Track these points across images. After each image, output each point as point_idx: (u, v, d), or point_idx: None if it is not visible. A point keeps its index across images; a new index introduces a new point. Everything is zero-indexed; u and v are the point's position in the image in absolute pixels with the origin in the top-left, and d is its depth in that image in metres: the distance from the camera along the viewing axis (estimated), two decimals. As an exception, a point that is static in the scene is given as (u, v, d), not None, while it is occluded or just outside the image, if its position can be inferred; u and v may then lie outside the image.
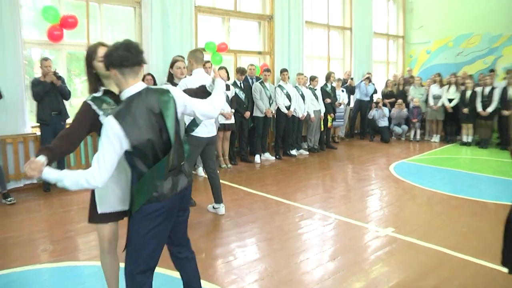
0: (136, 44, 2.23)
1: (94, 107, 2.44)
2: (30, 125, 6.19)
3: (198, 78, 4.50)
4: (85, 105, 2.45)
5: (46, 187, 6.02)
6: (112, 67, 2.19)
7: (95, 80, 2.52)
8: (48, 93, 5.79)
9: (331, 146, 9.67)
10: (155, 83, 6.57)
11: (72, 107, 6.67)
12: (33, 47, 6.45)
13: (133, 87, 2.22)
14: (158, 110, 2.21)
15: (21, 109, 5.96)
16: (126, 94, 2.23)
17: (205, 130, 4.64)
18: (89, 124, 2.40)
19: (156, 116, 2.20)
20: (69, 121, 5.94)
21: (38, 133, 6.08)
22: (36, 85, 5.70)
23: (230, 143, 7.59)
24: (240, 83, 7.71)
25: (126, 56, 2.16)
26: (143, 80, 6.27)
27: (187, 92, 2.62)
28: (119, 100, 2.41)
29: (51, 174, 2.14)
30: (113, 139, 2.09)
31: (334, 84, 9.83)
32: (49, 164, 2.18)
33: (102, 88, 2.53)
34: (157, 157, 2.21)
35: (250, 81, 7.99)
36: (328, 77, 9.65)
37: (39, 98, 5.72)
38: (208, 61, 6.58)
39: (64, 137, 2.32)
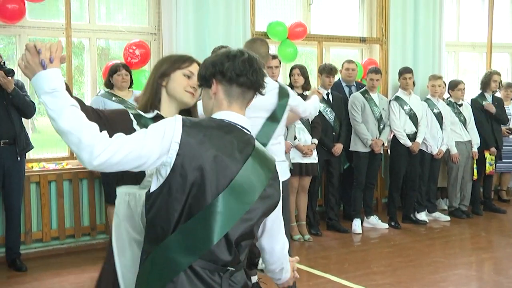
0: (261, 63, 1.96)
1: (132, 118, 2.28)
2: None
3: None
4: (123, 110, 2.33)
5: (14, 261, 5.03)
6: (217, 81, 1.89)
7: (156, 97, 2.31)
8: None
9: (494, 208, 8.01)
10: None
11: (38, 132, 6.27)
12: None
13: (234, 114, 1.91)
14: (233, 170, 1.85)
15: None
16: (220, 115, 1.92)
17: None
18: (118, 126, 2.12)
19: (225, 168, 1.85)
20: (34, 155, 5.58)
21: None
22: None
23: (309, 198, 6.46)
24: (328, 94, 6.49)
25: (247, 71, 1.89)
26: None
27: None
28: None
29: (57, 82, 1.76)
30: (159, 131, 1.78)
31: (499, 94, 8.10)
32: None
33: (156, 111, 2.30)
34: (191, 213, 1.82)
35: (347, 90, 6.86)
36: (486, 82, 7.83)
37: None
38: (275, 56, 5.63)
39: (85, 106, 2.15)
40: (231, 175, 1.82)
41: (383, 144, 6.58)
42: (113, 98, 4.88)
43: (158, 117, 2.24)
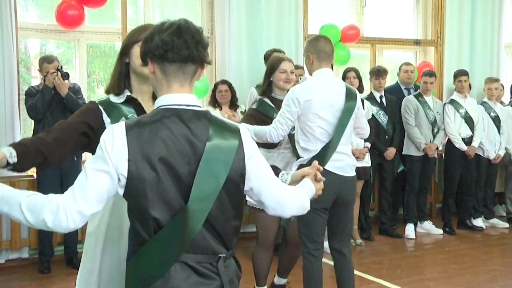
0: (195, 28, 1.76)
1: (103, 113, 2.18)
2: None
3: (322, 85, 3.71)
4: (90, 104, 2.24)
5: (45, 266, 5.06)
6: (150, 59, 1.77)
7: (122, 77, 2.22)
8: (52, 106, 5.00)
9: (557, 214, 8.03)
10: (234, 98, 5.89)
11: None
12: (31, 37, 5.77)
13: (175, 96, 1.77)
14: (196, 149, 1.74)
15: (10, 136, 5.24)
16: (161, 101, 1.78)
17: (340, 164, 3.72)
18: (86, 127, 2.14)
19: (191, 152, 1.75)
20: (85, 155, 5.57)
21: (35, 174, 5.32)
22: (32, 95, 5.01)
23: (361, 202, 6.47)
24: (381, 97, 6.47)
25: (174, 44, 1.71)
26: (214, 91, 5.69)
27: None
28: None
29: None
30: (103, 153, 1.71)
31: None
32: (15, 168, 1.96)
33: (126, 93, 2.21)
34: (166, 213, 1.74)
35: (405, 92, 6.84)
36: (547, 85, 7.74)
37: (35, 114, 4.97)
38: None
39: (47, 133, 2.12)
40: (190, 166, 1.73)
41: (437, 148, 6.50)
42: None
43: (130, 100, 2.19)
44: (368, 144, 5.97)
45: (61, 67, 5.03)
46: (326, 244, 4.42)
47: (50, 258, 4.87)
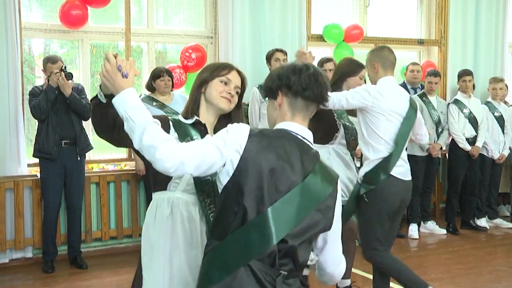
0: (325, 75, 2.00)
1: (171, 127, 2.26)
2: (27, 162, 5.44)
3: (393, 90, 3.80)
4: (164, 117, 2.30)
5: (49, 265, 5.05)
6: (284, 93, 1.94)
7: (196, 103, 2.33)
8: (55, 106, 5.03)
9: (562, 215, 7.74)
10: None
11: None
12: (35, 37, 5.76)
13: (297, 125, 1.95)
14: (298, 174, 1.89)
15: (14, 136, 5.23)
16: (284, 126, 1.97)
17: (402, 169, 3.82)
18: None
19: (293, 174, 1.88)
20: (94, 157, 5.73)
21: (39, 174, 5.34)
22: (36, 95, 5.02)
23: None
24: None
25: (312, 85, 1.93)
26: None
27: None
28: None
29: (132, 101, 1.88)
30: (223, 138, 1.85)
31: None
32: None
33: (195, 117, 2.31)
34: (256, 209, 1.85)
35: (412, 92, 6.78)
36: (552, 85, 7.62)
37: (39, 114, 4.97)
38: (330, 59, 5.69)
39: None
40: (289, 184, 1.85)
41: (441, 148, 6.49)
42: (154, 103, 4.93)
43: (197, 123, 2.31)
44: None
45: (65, 67, 5.02)
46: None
47: (54, 257, 4.87)
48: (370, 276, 5.26)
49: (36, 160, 5.25)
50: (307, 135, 1.97)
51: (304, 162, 1.90)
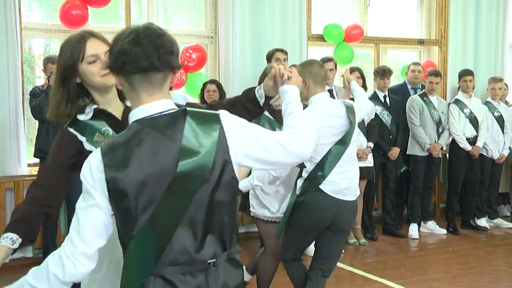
0: (156, 33, 1.62)
1: (76, 134, 2.06)
2: (27, 161, 5.47)
3: (322, 111, 3.61)
4: (60, 135, 2.09)
5: None
6: (115, 72, 1.67)
7: (75, 96, 2.04)
8: None
9: (563, 215, 7.73)
10: (222, 98, 5.80)
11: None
12: (35, 37, 5.83)
13: (145, 107, 1.66)
14: (170, 162, 1.64)
15: (14, 136, 5.26)
16: (133, 116, 1.68)
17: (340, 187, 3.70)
18: (69, 160, 2.06)
19: (165, 167, 1.64)
20: None
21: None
22: (36, 95, 5.02)
23: (365, 202, 6.49)
24: (384, 96, 6.47)
25: (133, 53, 1.60)
26: (202, 91, 5.60)
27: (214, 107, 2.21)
28: (121, 125, 1.99)
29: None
30: (87, 188, 1.67)
31: None
32: (23, 243, 2.00)
33: (93, 106, 2.06)
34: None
35: (412, 92, 6.88)
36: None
37: (40, 114, 4.95)
38: (331, 59, 5.76)
39: (36, 186, 2.05)
40: (168, 175, 1.62)
41: (442, 148, 6.53)
42: None
43: (98, 112, 2.06)
44: (371, 144, 5.98)
45: None
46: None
47: (53, 257, 4.79)
48: (370, 276, 5.30)
49: (37, 160, 5.24)
50: (161, 107, 1.68)
51: (174, 139, 1.64)
